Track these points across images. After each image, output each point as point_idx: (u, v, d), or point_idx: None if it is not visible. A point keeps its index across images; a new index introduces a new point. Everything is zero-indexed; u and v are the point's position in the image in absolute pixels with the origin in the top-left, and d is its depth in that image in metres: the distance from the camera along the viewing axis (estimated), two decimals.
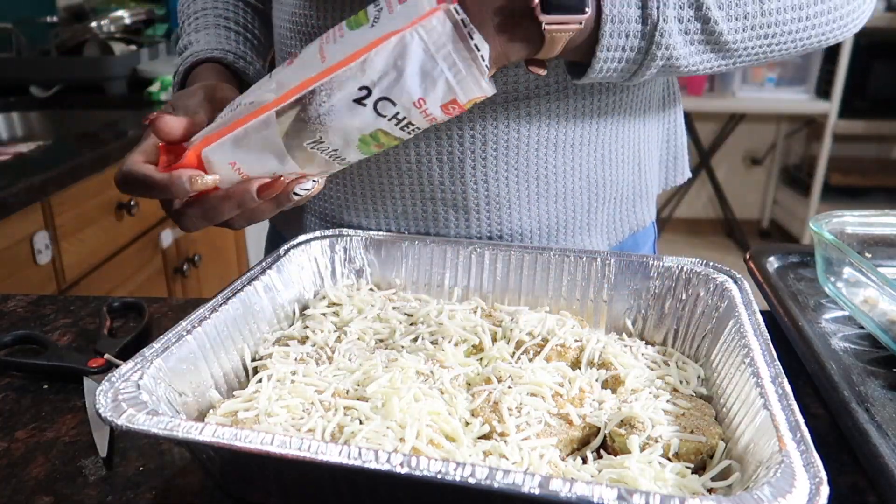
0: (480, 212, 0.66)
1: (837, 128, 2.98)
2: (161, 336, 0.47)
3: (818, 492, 0.34)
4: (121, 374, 0.42)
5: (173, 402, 0.44)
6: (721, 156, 3.44)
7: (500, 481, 0.33)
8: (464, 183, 0.64)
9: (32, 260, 1.27)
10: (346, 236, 0.65)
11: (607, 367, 0.52)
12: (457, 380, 0.49)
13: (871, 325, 0.59)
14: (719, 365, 0.51)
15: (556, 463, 0.42)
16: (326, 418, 0.44)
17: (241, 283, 0.55)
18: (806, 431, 0.38)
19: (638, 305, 0.60)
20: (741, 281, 0.56)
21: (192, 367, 0.47)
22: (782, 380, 0.43)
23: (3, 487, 0.46)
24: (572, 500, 0.33)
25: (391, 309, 0.59)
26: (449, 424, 0.43)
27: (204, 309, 0.50)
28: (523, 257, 0.62)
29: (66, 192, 1.34)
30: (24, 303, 0.71)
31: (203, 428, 0.37)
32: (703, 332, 0.55)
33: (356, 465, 0.35)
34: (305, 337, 0.55)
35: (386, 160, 0.65)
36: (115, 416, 0.39)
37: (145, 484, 0.46)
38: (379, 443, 0.41)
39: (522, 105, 0.62)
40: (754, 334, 0.48)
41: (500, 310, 0.60)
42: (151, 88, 1.89)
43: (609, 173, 0.68)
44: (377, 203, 0.68)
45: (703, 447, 0.44)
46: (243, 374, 0.52)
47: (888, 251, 0.69)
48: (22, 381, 0.58)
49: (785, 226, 3.42)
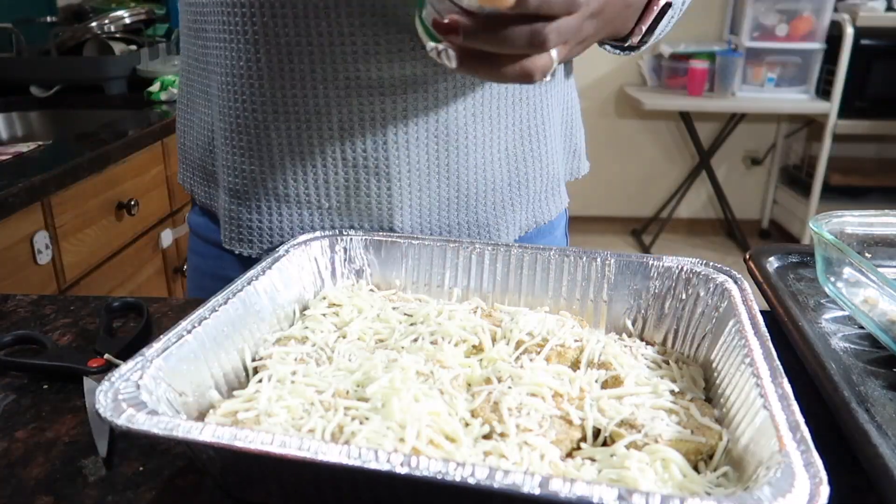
0: (402, 179, 0.66)
1: (837, 128, 2.98)
2: (161, 336, 0.46)
3: (818, 492, 0.34)
4: (121, 374, 0.42)
5: (173, 402, 0.44)
6: (721, 156, 3.44)
7: (500, 481, 0.33)
8: (386, 149, 0.65)
9: (32, 260, 1.27)
10: (347, 236, 0.65)
11: (607, 367, 0.52)
12: (457, 380, 0.49)
13: (871, 325, 0.59)
14: (719, 365, 0.51)
15: (557, 463, 0.42)
16: (326, 418, 0.44)
17: (240, 283, 0.55)
18: (806, 431, 0.38)
19: (638, 305, 0.60)
20: (741, 281, 0.56)
21: (192, 367, 0.47)
22: (782, 380, 0.43)
23: (3, 487, 0.46)
24: (572, 500, 0.33)
25: (391, 309, 0.59)
26: (449, 425, 0.43)
27: (204, 309, 0.50)
28: (523, 257, 0.62)
29: (66, 192, 1.34)
30: (24, 303, 0.71)
31: (203, 428, 0.37)
32: (703, 332, 0.55)
33: (356, 465, 0.35)
34: (305, 337, 0.55)
35: (308, 127, 0.65)
36: (115, 416, 0.38)
37: (145, 484, 0.46)
38: (379, 443, 0.41)
39: (442, 70, 0.63)
40: (754, 334, 0.48)
41: (499, 310, 0.60)
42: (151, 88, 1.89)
43: (526, 149, 0.71)
44: (297, 172, 0.67)
45: (704, 447, 0.44)
46: (243, 374, 0.52)
47: (888, 251, 0.69)
48: (22, 381, 0.58)
49: (785, 226, 3.42)
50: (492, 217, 0.71)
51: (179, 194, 1.78)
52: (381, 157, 0.66)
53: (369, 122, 0.64)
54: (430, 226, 0.69)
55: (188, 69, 0.74)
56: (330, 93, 0.63)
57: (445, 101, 0.65)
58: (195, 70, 0.72)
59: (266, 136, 0.66)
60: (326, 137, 0.65)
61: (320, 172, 0.67)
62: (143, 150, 1.61)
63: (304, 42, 0.62)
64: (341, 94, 0.63)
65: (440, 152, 0.66)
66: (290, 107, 0.64)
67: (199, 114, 0.73)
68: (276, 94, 0.64)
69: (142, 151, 1.61)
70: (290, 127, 0.65)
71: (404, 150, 0.65)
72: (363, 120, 0.64)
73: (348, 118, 0.64)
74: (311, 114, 0.64)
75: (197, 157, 0.75)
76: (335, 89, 0.63)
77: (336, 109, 0.64)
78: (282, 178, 0.67)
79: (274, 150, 0.66)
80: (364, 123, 0.64)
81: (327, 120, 0.64)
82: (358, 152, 0.65)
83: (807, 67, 3.03)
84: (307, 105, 0.64)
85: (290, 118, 0.65)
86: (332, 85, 0.63)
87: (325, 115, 0.64)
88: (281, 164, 0.67)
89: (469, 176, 0.68)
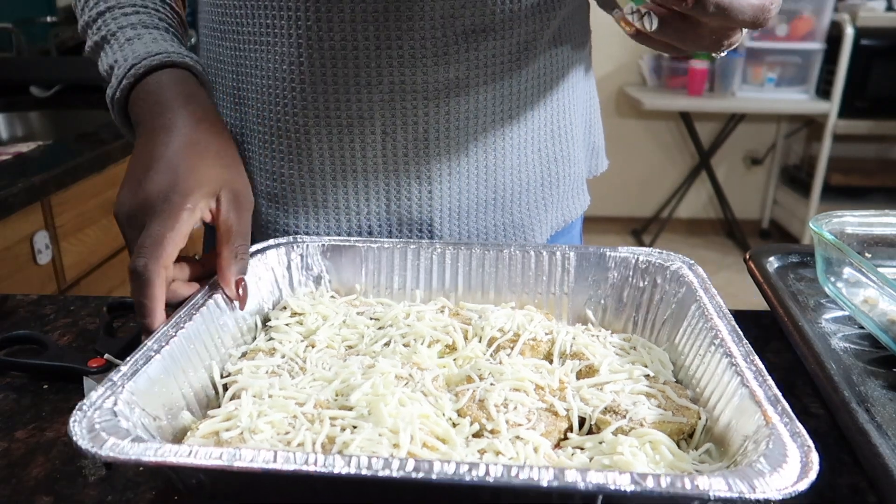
0: (442, 183, 0.66)
1: (837, 128, 2.98)
2: (128, 358, 0.44)
3: (809, 458, 0.36)
4: (91, 403, 0.40)
5: (149, 426, 0.42)
6: (721, 156, 3.44)
7: (518, 478, 0.34)
8: (427, 154, 0.65)
9: (32, 260, 1.27)
10: (302, 243, 0.63)
11: (580, 357, 0.53)
12: (437, 381, 0.49)
13: (871, 325, 0.59)
14: (685, 348, 0.52)
15: (551, 454, 0.43)
16: (314, 430, 0.43)
17: (201, 297, 0.53)
18: (785, 404, 0.40)
19: (598, 296, 0.61)
20: (695, 267, 0.58)
21: (162, 388, 0.45)
22: (753, 357, 0.45)
23: (3, 487, 0.46)
24: (590, 489, 0.33)
25: (356, 314, 0.58)
26: (439, 426, 0.43)
27: (168, 326, 0.49)
28: (484, 255, 0.62)
29: (66, 192, 1.34)
30: (24, 303, 0.71)
31: (196, 451, 0.36)
32: (664, 317, 0.57)
33: (369, 475, 0.34)
34: (273, 349, 0.53)
35: (350, 132, 0.64)
36: (96, 447, 0.36)
37: (145, 484, 0.46)
38: (373, 450, 0.40)
39: (482, 76, 0.64)
40: (718, 316, 0.50)
41: (466, 308, 0.60)
42: None
43: (557, 149, 0.72)
44: (337, 177, 0.66)
45: (685, 427, 0.45)
46: (213, 391, 0.50)
47: (888, 251, 0.69)
48: (22, 381, 0.58)
49: (785, 226, 3.42)
50: (526, 217, 0.71)
51: None
52: (422, 162, 0.65)
53: (412, 127, 0.64)
54: (469, 228, 0.69)
55: (211, 69, 0.71)
56: (374, 98, 0.63)
57: (485, 104, 0.65)
58: (220, 71, 0.70)
59: (307, 140, 0.65)
60: (369, 143, 0.65)
61: (360, 178, 0.66)
62: None
63: (350, 47, 0.61)
64: (385, 98, 0.63)
65: (479, 155, 0.67)
66: (332, 112, 0.64)
67: (226, 116, 0.71)
68: (319, 98, 0.63)
69: None
70: (332, 132, 0.64)
71: (445, 154, 0.65)
72: (406, 125, 0.64)
73: (391, 123, 0.64)
74: (354, 119, 0.64)
75: None
76: (379, 94, 0.63)
77: (379, 114, 0.63)
78: (321, 183, 0.67)
79: (314, 155, 0.66)
80: (407, 128, 0.64)
81: (370, 125, 0.64)
82: (399, 157, 0.65)
83: (807, 67, 3.03)
84: (350, 110, 0.63)
85: (331, 123, 0.64)
86: (376, 90, 0.63)
87: (367, 119, 0.64)
88: (321, 169, 0.66)
89: (506, 177, 0.69)
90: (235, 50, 0.67)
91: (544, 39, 0.66)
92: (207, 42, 0.71)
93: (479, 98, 0.65)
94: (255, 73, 0.66)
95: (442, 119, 0.64)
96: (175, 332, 0.48)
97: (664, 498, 0.34)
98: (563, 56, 0.70)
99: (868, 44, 2.87)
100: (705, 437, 0.45)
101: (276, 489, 0.39)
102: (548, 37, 0.67)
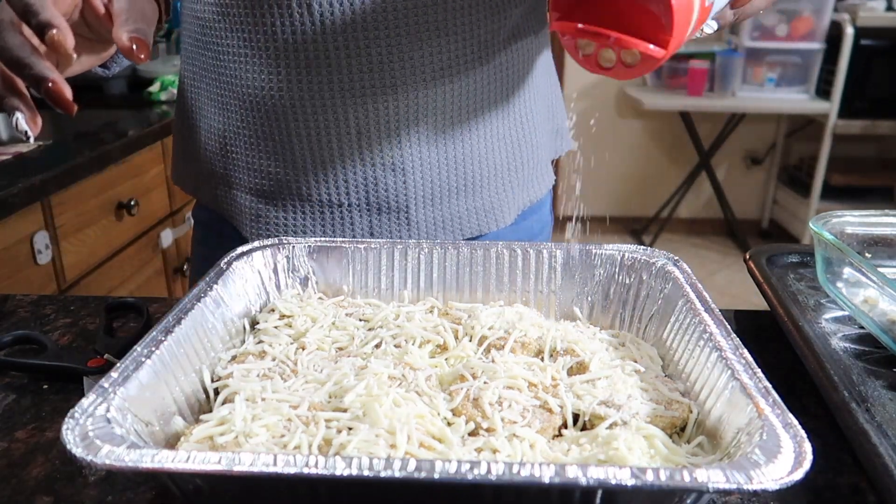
0: (415, 173, 0.70)
1: (837, 128, 2.98)
2: (118, 363, 0.44)
3: (802, 448, 0.36)
4: (83, 410, 0.39)
5: (142, 433, 0.41)
6: (721, 156, 3.44)
7: (519, 475, 0.34)
8: (400, 147, 0.69)
9: (32, 260, 1.27)
10: (288, 244, 0.63)
11: (571, 353, 0.53)
12: (430, 380, 0.49)
13: (871, 325, 0.59)
14: (674, 343, 0.53)
15: (547, 451, 0.43)
16: (309, 433, 0.43)
17: (189, 300, 0.52)
18: (776, 395, 0.40)
19: (585, 293, 0.62)
20: (680, 263, 0.58)
21: (154, 394, 0.44)
22: (742, 351, 0.45)
23: (3, 487, 0.46)
24: (591, 484, 0.34)
25: (345, 316, 0.58)
26: (435, 426, 0.43)
27: (157, 331, 0.48)
28: (471, 254, 0.62)
29: (66, 192, 1.34)
30: (24, 303, 0.72)
31: (194, 456, 0.35)
32: (650, 313, 0.57)
33: (370, 475, 0.34)
34: (263, 352, 0.53)
35: (327, 132, 0.68)
36: (91, 455, 0.36)
37: (145, 484, 0.46)
38: (370, 451, 0.40)
39: (447, 74, 0.67)
40: (706, 311, 0.51)
41: (455, 308, 0.60)
42: (151, 88, 1.89)
43: (520, 135, 0.76)
44: (318, 173, 0.70)
45: (677, 420, 0.46)
46: (203, 395, 0.50)
47: (888, 251, 0.69)
48: (22, 381, 0.58)
49: (785, 226, 3.42)
50: (496, 200, 0.75)
51: (179, 194, 1.78)
52: (395, 154, 0.70)
53: (384, 124, 0.68)
54: (443, 213, 0.73)
55: (195, 77, 0.74)
56: (347, 100, 0.67)
57: (451, 99, 0.69)
58: (204, 79, 0.73)
59: (289, 141, 0.69)
60: (345, 140, 0.68)
61: (340, 172, 0.70)
62: (143, 150, 1.61)
63: (322, 56, 0.65)
64: (357, 100, 0.67)
65: (448, 146, 0.71)
66: (309, 115, 0.68)
67: (209, 120, 0.74)
68: (296, 104, 0.67)
69: (142, 151, 1.61)
70: (311, 133, 0.68)
71: (416, 146, 0.70)
72: (378, 121, 0.68)
73: (364, 121, 0.68)
74: (330, 120, 0.68)
75: (205, 160, 0.76)
76: (352, 97, 0.67)
77: (353, 114, 0.67)
78: (304, 179, 0.71)
79: (297, 154, 0.70)
80: (379, 125, 0.68)
81: (345, 124, 0.68)
82: (374, 151, 0.69)
83: (807, 67, 3.03)
84: (326, 113, 0.67)
85: (310, 125, 0.68)
86: (348, 93, 0.66)
87: (342, 120, 0.67)
88: (303, 166, 0.70)
89: (474, 165, 0.73)
90: (217, 61, 0.70)
91: (502, 37, 0.70)
92: (190, 53, 0.74)
93: (445, 94, 0.69)
94: (235, 83, 0.70)
95: (412, 115, 0.68)
96: (165, 336, 0.47)
97: (664, 491, 0.34)
98: (523, 49, 0.74)
99: (868, 44, 2.87)
100: (697, 431, 0.46)
101: (275, 493, 0.39)
102: (506, 34, 0.70)
